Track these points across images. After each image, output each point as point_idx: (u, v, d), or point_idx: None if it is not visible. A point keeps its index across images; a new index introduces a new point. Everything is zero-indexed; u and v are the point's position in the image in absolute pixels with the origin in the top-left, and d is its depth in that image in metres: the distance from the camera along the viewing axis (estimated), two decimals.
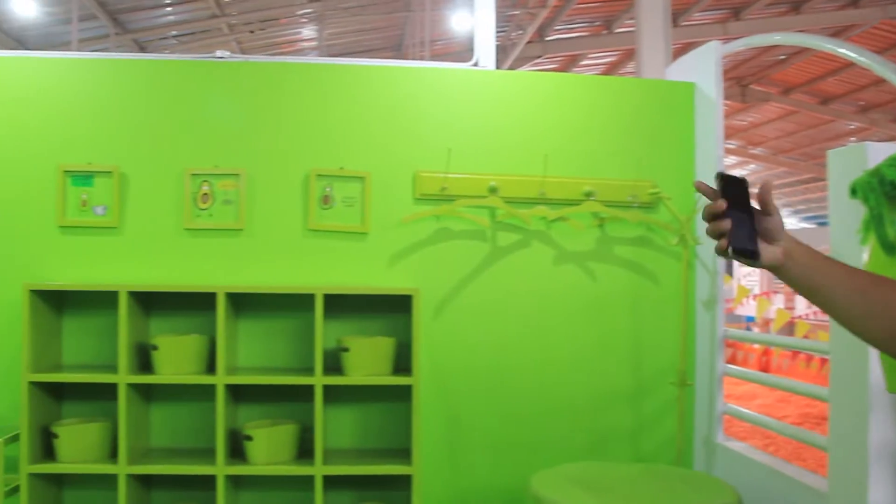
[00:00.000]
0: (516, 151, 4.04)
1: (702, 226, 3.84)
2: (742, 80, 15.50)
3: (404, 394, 3.89)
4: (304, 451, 3.82)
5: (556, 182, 4.01)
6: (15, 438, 3.69)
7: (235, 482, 3.85)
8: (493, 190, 3.95)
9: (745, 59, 13.92)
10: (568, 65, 14.42)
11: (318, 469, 3.62)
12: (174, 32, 10.09)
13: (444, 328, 3.99)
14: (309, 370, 3.78)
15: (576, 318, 4.08)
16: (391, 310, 3.94)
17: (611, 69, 14.88)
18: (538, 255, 4.06)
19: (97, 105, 3.97)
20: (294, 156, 3.95)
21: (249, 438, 3.65)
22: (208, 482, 3.80)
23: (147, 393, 3.91)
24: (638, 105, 4.17)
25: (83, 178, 3.96)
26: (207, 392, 3.86)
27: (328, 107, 3.99)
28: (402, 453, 3.87)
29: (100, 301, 3.91)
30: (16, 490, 3.67)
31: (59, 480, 3.93)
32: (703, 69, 4.13)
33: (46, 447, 3.77)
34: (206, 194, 3.93)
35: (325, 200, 3.94)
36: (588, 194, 4.00)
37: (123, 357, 3.61)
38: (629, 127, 4.14)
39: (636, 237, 4.12)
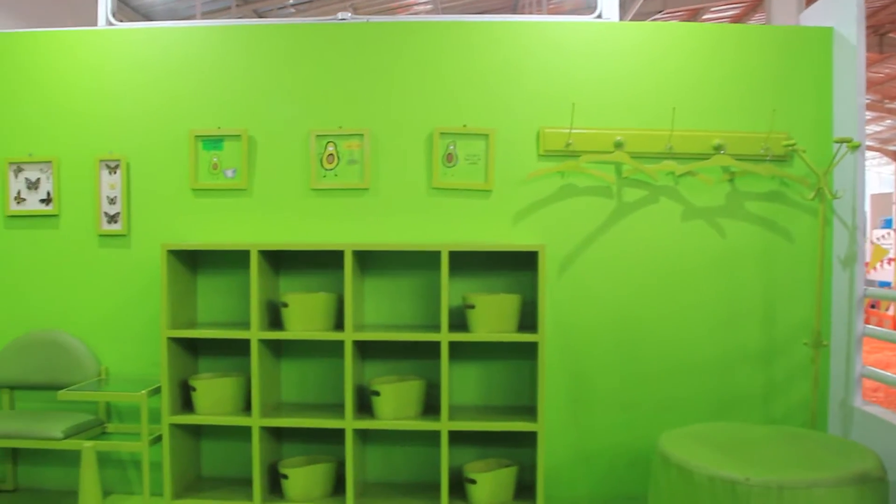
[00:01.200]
0: (642, 105, 4.12)
1: (840, 179, 3.86)
2: (879, 29, 14.80)
3: (529, 351, 4.07)
4: (430, 406, 4.05)
5: (684, 135, 4.08)
6: (157, 391, 4.07)
7: (362, 436, 4.13)
8: (618, 145, 4.05)
9: (883, 4, 13.30)
10: (689, 19, 14.14)
11: (444, 424, 3.84)
12: (292, 1, 10.46)
13: (568, 285, 4.14)
14: (434, 327, 4.00)
15: (704, 275, 4.15)
16: (516, 267, 4.11)
17: (735, 22, 14.51)
18: (665, 211, 4.14)
19: (225, 71, 4.28)
20: (417, 115, 4.15)
21: (377, 394, 3.90)
22: (336, 436, 4.10)
23: (277, 349, 4.22)
24: (771, 53, 4.17)
25: (213, 142, 4.28)
26: (335, 348, 4.15)
27: (450, 65, 4.17)
28: (527, 410, 4.05)
29: (231, 260, 4.24)
30: (158, 439, 4.05)
31: (196, 431, 4.31)
32: (841, 13, 4.09)
33: (185, 400, 4.14)
34: (331, 155, 4.18)
35: (449, 158, 4.13)
36: (718, 148, 4.05)
37: (255, 314, 3.91)
38: (762, 77, 4.16)
39: (769, 192, 4.15)
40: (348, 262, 3.83)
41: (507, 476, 3.93)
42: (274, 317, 4.13)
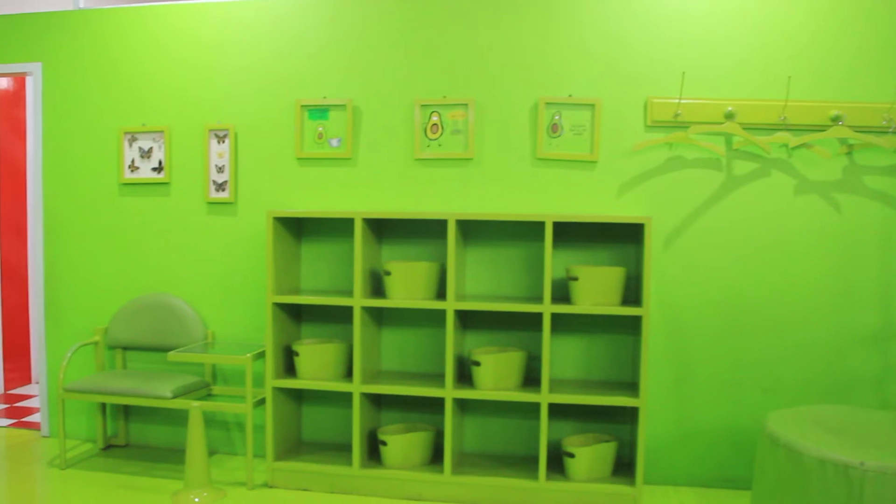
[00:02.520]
0: (756, 74, 4.08)
1: None
2: None
3: (632, 325, 4.10)
4: (529, 378, 4.13)
5: (799, 106, 4.02)
6: (261, 355, 4.25)
7: (461, 406, 4.23)
8: (729, 116, 4.02)
9: None
10: None
11: (544, 397, 3.90)
12: None
13: (674, 259, 4.14)
14: (536, 299, 4.07)
15: (817, 253, 4.09)
16: (620, 240, 4.14)
17: None
18: (777, 184, 4.09)
19: (332, 42, 4.42)
20: (522, 84, 4.21)
21: (477, 364, 3.99)
22: (435, 405, 4.21)
23: (379, 317, 4.36)
24: None
25: (319, 111, 4.43)
26: (436, 318, 4.26)
27: (556, 34, 4.20)
28: (627, 386, 4.08)
29: (334, 229, 4.39)
30: (261, 402, 4.24)
31: (298, 395, 4.49)
32: None
33: (288, 364, 4.31)
34: (435, 124, 4.28)
35: (554, 129, 4.18)
36: (835, 119, 3.98)
37: (358, 281, 4.04)
38: (886, 43, 4.05)
39: (890, 166, 4.06)
40: (451, 231, 3.92)
41: (606, 451, 3.98)
42: (376, 285, 4.26)
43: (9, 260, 6.20)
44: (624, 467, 4.02)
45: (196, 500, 3.93)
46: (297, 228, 4.37)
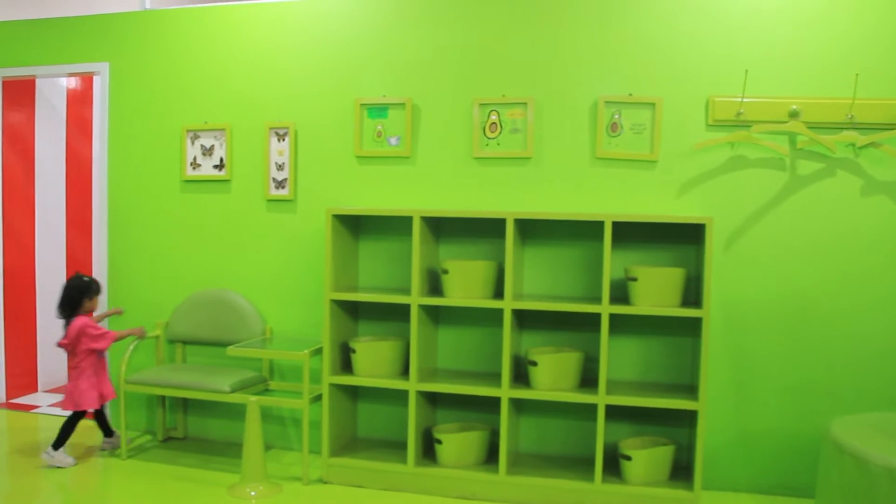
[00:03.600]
0: (822, 71, 4.03)
1: None
2: None
3: (691, 327, 4.08)
4: (586, 379, 4.13)
5: (868, 104, 3.96)
6: (318, 352, 4.34)
7: (517, 406, 4.27)
8: (793, 114, 3.99)
9: None
10: None
11: (601, 398, 3.91)
12: None
13: (736, 261, 4.12)
14: (594, 299, 4.08)
15: (885, 255, 4.02)
16: (680, 240, 4.13)
17: None
18: (843, 185, 4.04)
19: (391, 41, 4.50)
20: (582, 83, 4.23)
21: (534, 363, 4.01)
22: (490, 404, 4.24)
23: (436, 315, 4.41)
24: None
25: (378, 110, 4.51)
26: (493, 317, 4.30)
27: (616, 32, 4.21)
28: (686, 389, 4.07)
29: (392, 227, 4.47)
30: (318, 398, 4.33)
31: (354, 392, 4.57)
32: None
33: (345, 361, 4.39)
34: (494, 123, 4.33)
35: (613, 128, 4.19)
36: None
37: (416, 279, 4.10)
38: None
39: None
40: (510, 230, 3.96)
41: (664, 455, 3.97)
42: (433, 283, 4.32)
43: (75, 255, 6.42)
44: (682, 471, 4.01)
45: (252, 493, 4.03)
46: (355, 226, 4.45)
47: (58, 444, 4.42)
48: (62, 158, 6.26)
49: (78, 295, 4.41)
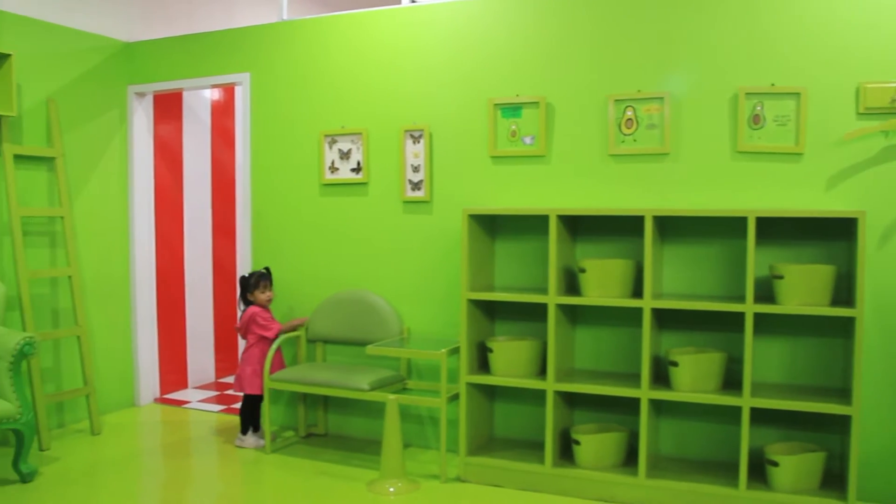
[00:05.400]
0: None
1: None
2: None
3: (842, 327, 3.95)
4: (729, 381, 4.06)
5: None
6: (455, 351, 4.45)
7: (657, 407, 4.24)
8: None
9: None
10: None
11: (746, 401, 3.83)
12: None
13: (892, 257, 3.95)
14: (737, 298, 4.01)
15: None
16: (828, 236, 4.00)
17: None
18: None
19: (523, 40, 4.57)
20: (721, 75, 4.16)
21: (675, 364, 3.98)
22: (629, 405, 4.23)
23: (573, 315, 4.44)
24: None
25: (512, 109, 4.59)
26: (631, 316, 4.29)
27: (754, 19, 4.11)
28: (837, 393, 3.93)
29: (527, 226, 4.53)
30: (455, 397, 4.43)
31: (491, 391, 4.65)
32: None
33: (482, 361, 4.48)
34: (630, 119, 4.33)
35: (755, 120, 4.11)
36: None
37: (553, 279, 4.15)
38: None
39: None
40: (648, 228, 3.95)
41: (814, 462, 3.85)
42: (570, 282, 4.36)
43: (219, 259, 6.81)
44: (833, 481, 3.88)
45: (391, 489, 4.17)
46: (491, 226, 4.54)
47: (245, 428, 4.91)
48: (207, 167, 6.66)
49: (242, 289, 4.92)
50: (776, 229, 4.01)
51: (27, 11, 5.09)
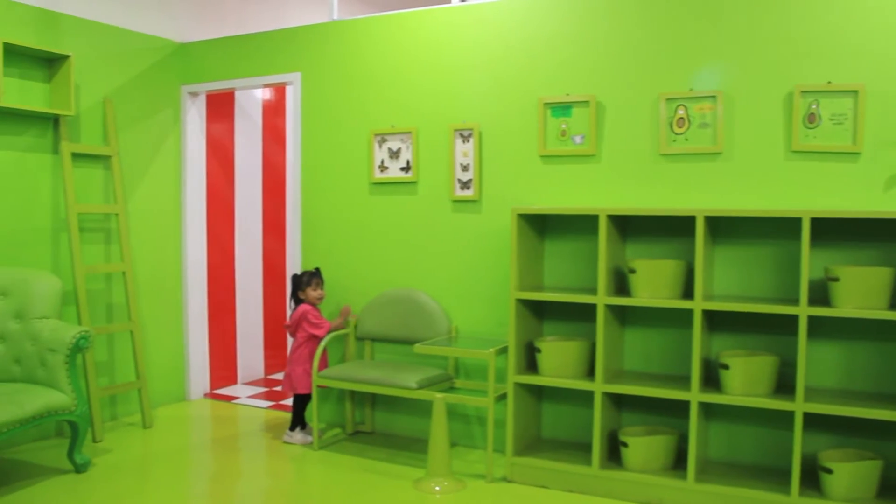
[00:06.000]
0: None
1: None
2: None
3: None
4: (782, 385, 4.00)
5: None
6: (503, 351, 4.45)
7: (706, 411, 4.19)
8: None
9: None
10: None
11: (799, 405, 3.76)
12: None
13: None
14: (791, 300, 3.95)
15: None
16: (888, 237, 3.92)
17: None
18: None
19: (573, 39, 4.56)
20: (775, 72, 4.10)
21: (726, 367, 3.94)
22: (678, 408, 4.20)
23: (622, 316, 4.42)
24: None
25: (562, 108, 4.58)
26: (681, 318, 4.25)
27: (810, 15, 4.03)
28: (895, 399, 3.86)
29: (577, 226, 4.52)
30: (503, 397, 4.43)
31: (539, 392, 4.65)
32: None
33: (529, 361, 4.48)
34: (681, 118, 4.30)
35: (811, 119, 4.05)
36: None
37: (602, 279, 4.13)
38: None
39: None
40: (700, 228, 3.91)
41: (870, 470, 3.76)
42: (619, 283, 4.34)
43: (270, 258, 6.91)
44: (891, 490, 3.79)
45: (437, 488, 4.19)
46: (540, 225, 4.54)
47: (293, 425, 5.01)
48: (258, 166, 6.76)
49: (294, 286, 5.01)
50: (831, 230, 3.95)
51: (86, 14, 5.22)
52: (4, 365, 4.41)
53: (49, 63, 4.98)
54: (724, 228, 4.15)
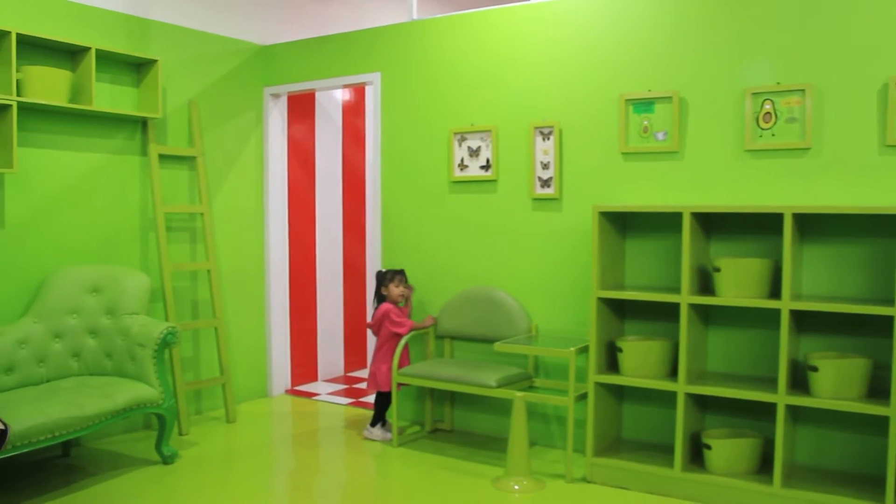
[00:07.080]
0: None
1: None
2: None
3: None
4: (875, 389, 3.88)
5: None
6: (584, 350, 4.44)
7: (793, 414, 4.11)
8: None
9: None
10: None
11: (894, 410, 3.64)
12: None
13: None
14: (885, 301, 3.84)
15: None
16: None
17: None
18: None
19: (655, 34, 4.52)
20: (867, 64, 3.98)
21: (815, 369, 3.84)
22: (763, 411, 4.12)
23: (705, 315, 4.36)
24: None
25: (644, 105, 4.55)
26: (768, 318, 4.18)
27: None
28: None
29: (659, 224, 4.48)
30: (583, 396, 4.42)
31: (619, 392, 4.62)
32: None
33: (610, 360, 4.46)
34: (768, 113, 4.22)
35: None
36: None
37: (686, 277, 4.08)
38: None
39: None
40: (788, 226, 3.83)
41: None
42: (703, 282, 4.28)
43: (349, 257, 7.04)
44: None
45: (516, 487, 4.21)
46: (621, 223, 4.52)
47: (374, 421, 5.10)
48: (339, 166, 6.89)
49: (378, 283, 5.09)
50: None
51: (172, 19, 5.41)
52: (96, 359, 4.60)
53: (137, 68, 5.17)
54: (813, 226, 4.06)
